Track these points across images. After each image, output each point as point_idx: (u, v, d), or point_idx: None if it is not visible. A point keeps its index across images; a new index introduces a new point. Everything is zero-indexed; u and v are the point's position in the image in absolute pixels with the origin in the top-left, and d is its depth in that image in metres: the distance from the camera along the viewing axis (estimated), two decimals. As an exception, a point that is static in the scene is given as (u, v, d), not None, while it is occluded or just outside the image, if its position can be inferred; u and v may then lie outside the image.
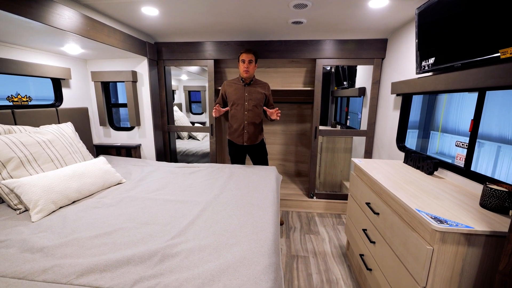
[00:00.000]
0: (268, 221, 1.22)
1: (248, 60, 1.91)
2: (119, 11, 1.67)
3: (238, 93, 2.00)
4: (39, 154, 1.46)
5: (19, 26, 1.32)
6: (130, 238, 1.04)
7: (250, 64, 1.92)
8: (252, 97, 2.00)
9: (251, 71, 1.94)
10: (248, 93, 1.99)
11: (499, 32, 0.93)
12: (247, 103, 1.99)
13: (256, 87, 2.02)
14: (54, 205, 1.28)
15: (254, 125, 2.03)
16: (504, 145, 3.13)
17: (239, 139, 2.07)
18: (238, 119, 2.03)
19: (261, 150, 2.17)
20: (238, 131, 2.05)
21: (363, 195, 1.46)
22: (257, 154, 2.17)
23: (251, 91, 2.00)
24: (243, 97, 1.99)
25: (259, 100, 2.01)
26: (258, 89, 2.02)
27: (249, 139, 2.06)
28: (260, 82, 2.06)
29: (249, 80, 2.00)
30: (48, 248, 0.96)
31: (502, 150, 3.14)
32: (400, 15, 1.65)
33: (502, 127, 3.12)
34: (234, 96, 2.00)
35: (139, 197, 1.47)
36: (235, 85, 2.02)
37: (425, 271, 0.87)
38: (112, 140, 2.47)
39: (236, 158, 2.20)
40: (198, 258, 0.91)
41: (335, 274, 1.63)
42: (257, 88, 2.02)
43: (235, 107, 2.02)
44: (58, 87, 2.06)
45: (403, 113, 1.87)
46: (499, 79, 0.97)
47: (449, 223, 0.85)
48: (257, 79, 2.06)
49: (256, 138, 2.09)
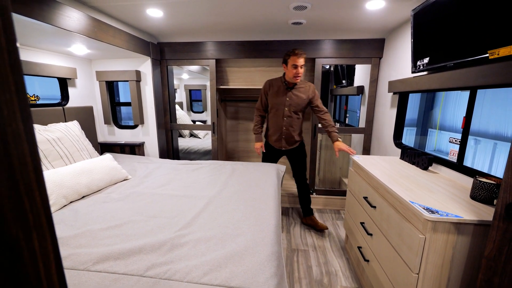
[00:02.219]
0: (270, 213, 1.28)
1: (301, 65, 1.75)
2: (125, 12, 1.72)
3: (279, 96, 1.89)
4: (49, 151, 1.52)
5: (30, 28, 1.37)
6: (139, 230, 1.10)
7: (302, 68, 1.77)
8: (293, 103, 1.87)
9: (302, 76, 1.83)
10: (289, 98, 1.87)
11: (488, 34, 0.98)
12: (286, 109, 1.88)
13: (299, 91, 1.88)
14: (65, 199, 1.34)
15: (292, 130, 1.94)
16: (500, 142, 3.19)
17: (277, 143, 2.01)
18: (276, 124, 1.94)
19: (300, 153, 2.07)
20: (276, 135, 1.98)
21: (361, 189, 1.52)
22: (296, 157, 2.07)
23: (292, 96, 1.87)
24: (283, 102, 1.88)
25: (300, 106, 1.89)
26: (301, 94, 1.88)
27: (288, 144, 1.99)
28: (303, 85, 1.90)
29: (293, 84, 1.87)
30: (63, 239, 1.01)
31: (498, 147, 3.21)
32: (396, 16, 1.71)
33: (498, 124, 3.18)
34: (274, 100, 1.90)
35: (145, 192, 1.53)
36: (277, 87, 1.90)
37: (418, 259, 0.94)
38: (116, 138, 2.53)
39: (269, 158, 2.13)
40: (205, 247, 0.97)
41: (334, 266, 1.69)
42: (299, 92, 1.88)
43: (274, 111, 1.93)
44: (65, 87, 2.12)
45: (399, 110, 1.92)
46: (488, 78, 1.02)
47: (440, 213, 0.91)
48: (301, 81, 1.89)
49: (295, 142, 2.01)
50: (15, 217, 0.22)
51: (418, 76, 1.54)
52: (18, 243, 0.22)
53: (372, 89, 2.28)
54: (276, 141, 2.01)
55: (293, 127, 1.94)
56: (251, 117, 2.94)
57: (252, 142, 3.00)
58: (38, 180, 0.23)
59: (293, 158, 2.09)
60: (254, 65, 2.66)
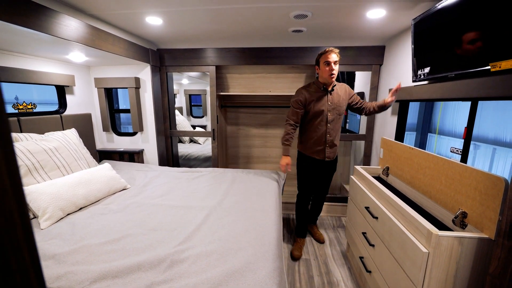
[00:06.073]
0: (271, 226, 1.26)
1: (334, 61, 1.62)
2: (124, 20, 1.71)
3: (319, 102, 1.72)
4: (46, 161, 1.49)
5: (26, 37, 1.36)
6: (138, 244, 1.08)
7: (336, 65, 1.63)
8: (335, 106, 1.73)
9: (337, 73, 1.67)
10: (331, 102, 1.72)
11: (490, 46, 0.98)
12: (329, 113, 1.72)
13: (338, 92, 1.75)
14: (62, 212, 1.31)
15: (335, 137, 1.78)
16: (499, 148, 3.20)
17: (320, 154, 1.78)
18: (319, 133, 1.74)
19: (335, 165, 1.94)
20: (318, 146, 1.77)
21: (362, 199, 1.51)
22: (330, 169, 1.92)
23: (334, 99, 1.73)
24: (325, 107, 1.72)
25: (342, 108, 1.76)
26: (340, 94, 1.76)
27: (332, 153, 1.81)
28: (338, 85, 1.78)
29: (331, 86, 1.73)
30: (60, 255, 0.99)
31: (497, 152, 3.21)
32: (397, 24, 1.71)
33: (497, 130, 3.19)
34: (316, 107, 1.71)
35: (144, 203, 1.51)
36: (315, 93, 1.74)
37: (421, 274, 0.92)
38: (115, 145, 2.51)
39: (308, 173, 1.86)
40: (205, 263, 0.95)
41: (336, 276, 1.67)
42: (339, 93, 1.75)
43: (314, 119, 1.74)
44: (62, 94, 2.10)
45: (400, 118, 1.92)
46: (490, 91, 1.02)
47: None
48: (336, 82, 1.77)
49: (336, 152, 1.85)
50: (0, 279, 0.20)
51: (419, 85, 1.54)
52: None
53: (373, 96, 2.28)
54: (318, 152, 1.79)
55: (336, 133, 1.78)
56: (251, 123, 2.92)
57: (254, 148, 2.96)
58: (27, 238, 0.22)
59: (327, 170, 1.91)
60: (254, 71, 2.65)
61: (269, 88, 2.68)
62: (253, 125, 2.92)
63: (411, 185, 1.39)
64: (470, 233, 0.89)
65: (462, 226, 0.99)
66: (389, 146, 1.66)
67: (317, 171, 1.87)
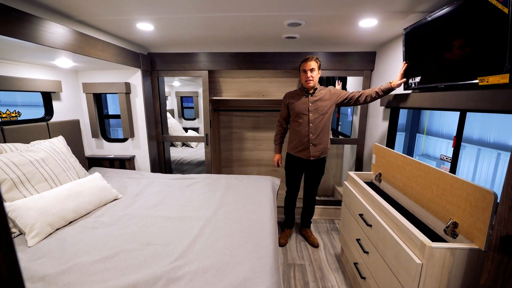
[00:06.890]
0: (267, 236, 1.26)
1: (310, 69, 1.79)
2: (114, 26, 1.66)
3: (300, 104, 1.89)
4: (32, 174, 1.43)
5: (8, 44, 1.29)
6: (132, 261, 1.05)
7: (312, 72, 1.79)
8: (318, 106, 1.86)
9: (315, 80, 1.81)
10: (312, 103, 1.87)
11: (478, 61, 1.01)
12: (311, 114, 1.87)
13: (320, 95, 1.88)
14: (51, 227, 1.27)
15: (320, 138, 1.90)
16: (483, 148, 3.32)
17: (304, 153, 1.93)
18: (301, 133, 1.90)
19: (322, 166, 2.03)
20: (301, 145, 1.93)
21: (356, 206, 1.53)
22: (317, 169, 2.02)
23: (314, 101, 1.87)
24: (306, 108, 1.87)
25: (325, 108, 1.87)
26: (322, 97, 1.88)
27: (316, 153, 1.93)
28: (322, 90, 1.90)
29: (312, 89, 1.88)
30: (50, 277, 0.95)
31: (481, 153, 3.34)
32: (388, 32, 1.74)
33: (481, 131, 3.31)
34: (297, 108, 1.89)
35: (137, 214, 1.47)
36: (297, 96, 1.92)
37: (415, 284, 0.94)
38: (105, 152, 2.44)
39: (295, 173, 2.05)
40: (202, 281, 0.94)
41: (331, 282, 1.70)
42: (320, 96, 1.88)
43: (297, 120, 1.91)
44: (49, 101, 2.01)
45: (391, 124, 1.96)
46: (478, 103, 1.05)
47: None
48: (321, 87, 1.92)
49: (322, 152, 1.95)
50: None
51: (411, 93, 1.58)
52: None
53: (364, 100, 2.31)
54: (302, 151, 1.94)
55: (319, 131, 1.89)
56: (244, 126, 2.92)
57: (247, 151, 3.00)
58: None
59: (313, 170, 2.02)
60: (247, 76, 2.64)
61: (262, 93, 2.67)
62: (246, 128, 2.92)
63: (403, 192, 1.42)
64: (461, 244, 0.92)
65: (453, 236, 1.02)
66: (381, 152, 1.69)
67: (304, 170, 2.07)
